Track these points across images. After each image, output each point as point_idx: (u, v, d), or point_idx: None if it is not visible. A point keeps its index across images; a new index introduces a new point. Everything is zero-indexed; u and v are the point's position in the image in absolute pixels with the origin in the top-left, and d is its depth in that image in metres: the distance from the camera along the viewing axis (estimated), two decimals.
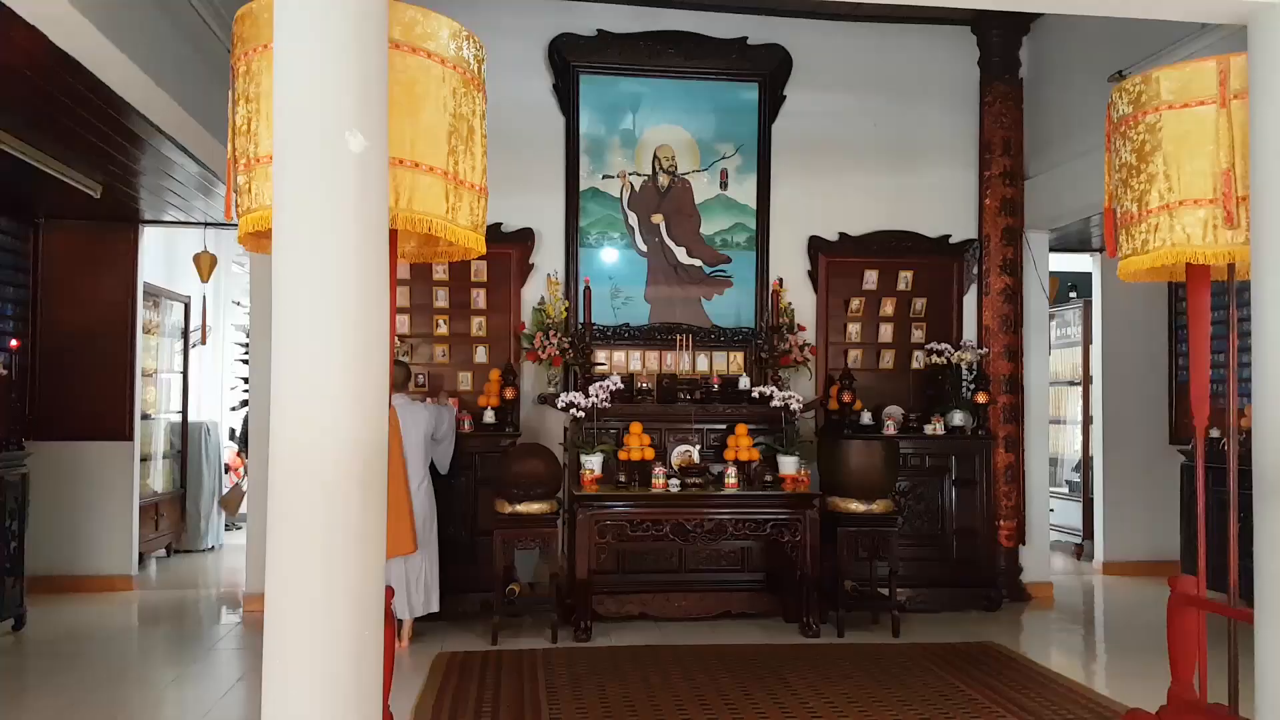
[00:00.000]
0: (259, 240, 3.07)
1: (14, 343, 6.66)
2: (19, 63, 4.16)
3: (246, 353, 11.46)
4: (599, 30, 7.23)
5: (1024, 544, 7.43)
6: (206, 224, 7.94)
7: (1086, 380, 9.45)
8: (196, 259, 7.94)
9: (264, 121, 2.86)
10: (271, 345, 2.53)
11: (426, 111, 2.95)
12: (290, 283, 2.53)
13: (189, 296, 9.58)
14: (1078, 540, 9.46)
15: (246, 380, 11.41)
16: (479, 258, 3.42)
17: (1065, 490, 9.75)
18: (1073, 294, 10.14)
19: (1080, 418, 9.72)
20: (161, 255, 8.78)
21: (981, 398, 7.08)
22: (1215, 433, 7.20)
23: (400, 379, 6.13)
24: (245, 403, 11.02)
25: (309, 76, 2.56)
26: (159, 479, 8.93)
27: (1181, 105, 3.57)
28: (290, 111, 2.57)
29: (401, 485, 5.68)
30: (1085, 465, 9.43)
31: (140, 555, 7.96)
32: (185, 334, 9.61)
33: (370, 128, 2.60)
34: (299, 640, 2.50)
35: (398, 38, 2.87)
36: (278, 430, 2.52)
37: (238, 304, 11.35)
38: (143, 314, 8.03)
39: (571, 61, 7.22)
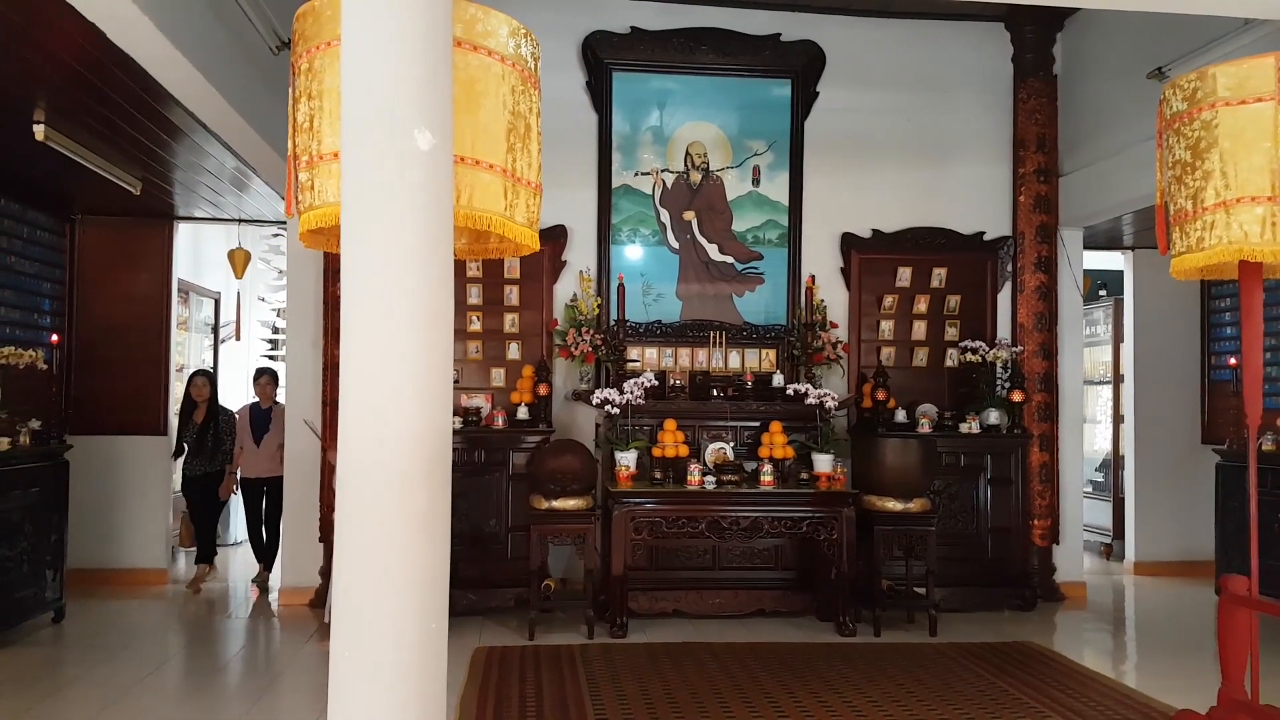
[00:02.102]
0: (318, 237, 3.08)
1: (54, 338, 6.71)
2: (74, 59, 4.19)
3: (273, 348, 11.56)
4: (632, 27, 7.23)
5: (1057, 543, 7.41)
6: (241, 220, 7.97)
7: (1117, 379, 9.40)
8: (231, 255, 7.98)
9: (327, 119, 2.87)
10: (342, 339, 2.54)
11: (486, 109, 2.96)
12: (359, 280, 2.53)
13: (219, 292, 9.63)
14: (1106, 540, 9.42)
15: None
16: (520, 255, 3.43)
17: (1089, 489, 9.70)
18: (1102, 292, 10.08)
19: (1105, 417, 9.69)
20: (189, 251, 8.82)
21: (1017, 396, 7.04)
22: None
23: None
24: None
25: (377, 74, 2.55)
26: None
27: (1239, 101, 3.54)
28: (358, 109, 2.57)
29: None
30: (1115, 464, 9.38)
31: (172, 549, 8.01)
32: (215, 329, 9.65)
33: (437, 125, 2.60)
34: (366, 632, 2.50)
35: (459, 35, 2.87)
36: (346, 426, 2.53)
37: (262, 300, 11.41)
38: (176, 310, 8.07)
39: (604, 59, 7.22)
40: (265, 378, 7.91)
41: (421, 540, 2.54)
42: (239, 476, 7.78)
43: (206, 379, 7.85)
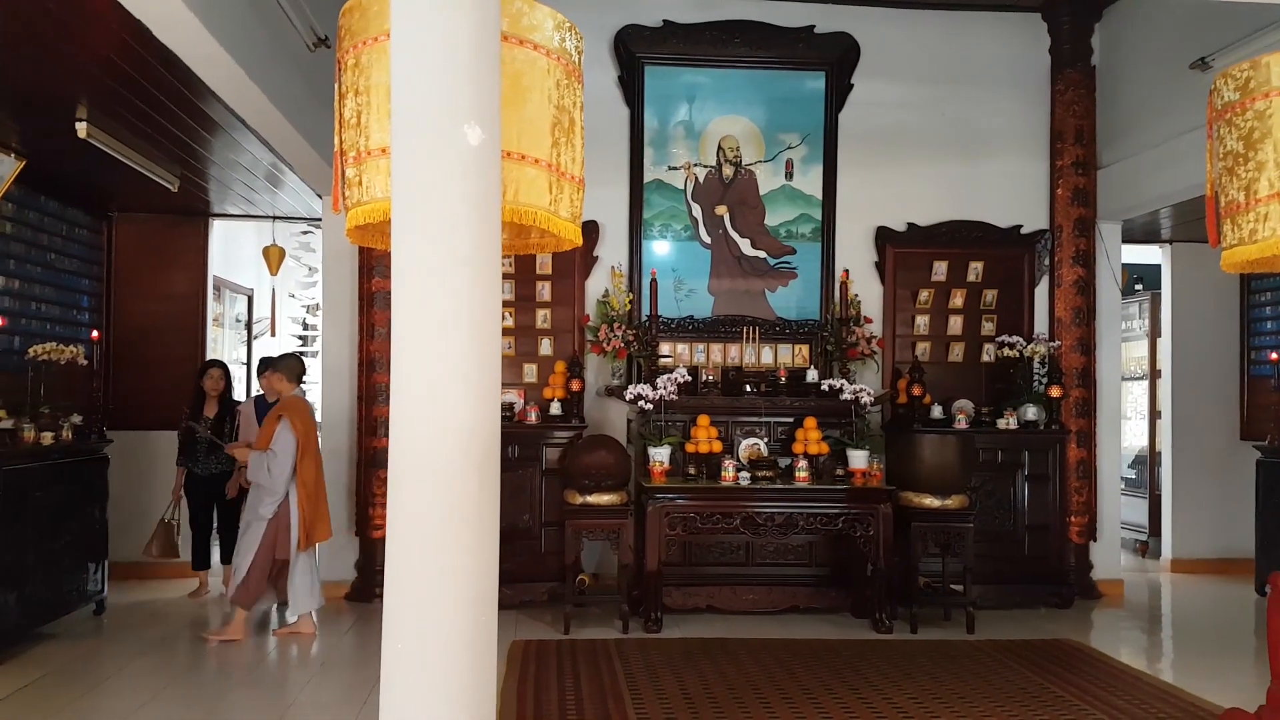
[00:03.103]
0: (365, 233, 3.09)
1: (95, 334, 6.78)
2: (118, 57, 4.22)
3: (304, 344, 11.64)
4: (664, 21, 7.20)
5: (1094, 540, 7.33)
6: (275, 218, 8.02)
7: (1154, 374, 9.29)
8: (266, 252, 8.03)
9: (375, 114, 2.87)
10: (392, 335, 2.54)
11: (532, 104, 2.95)
12: (410, 275, 2.54)
13: (252, 289, 9.69)
14: (1142, 537, 9.32)
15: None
16: (561, 250, 3.43)
17: (1123, 486, 9.58)
18: (1138, 287, 9.96)
19: (1140, 412, 9.58)
20: (221, 248, 8.87)
21: (1055, 391, 6.97)
22: None
23: (297, 373, 6.16)
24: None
25: (428, 69, 2.55)
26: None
27: None
28: (408, 104, 2.57)
29: (323, 476, 6.02)
30: (1152, 461, 9.28)
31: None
32: (249, 325, 9.72)
33: (486, 120, 2.60)
34: (417, 625, 2.51)
35: (505, 29, 2.86)
36: (398, 421, 2.53)
37: (293, 296, 11.50)
38: (211, 306, 8.13)
39: (636, 53, 7.21)
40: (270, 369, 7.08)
41: (472, 533, 2.54)
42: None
43: (223, 371, 7.21)
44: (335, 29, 6.00)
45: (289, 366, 6.18)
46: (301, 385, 6.23)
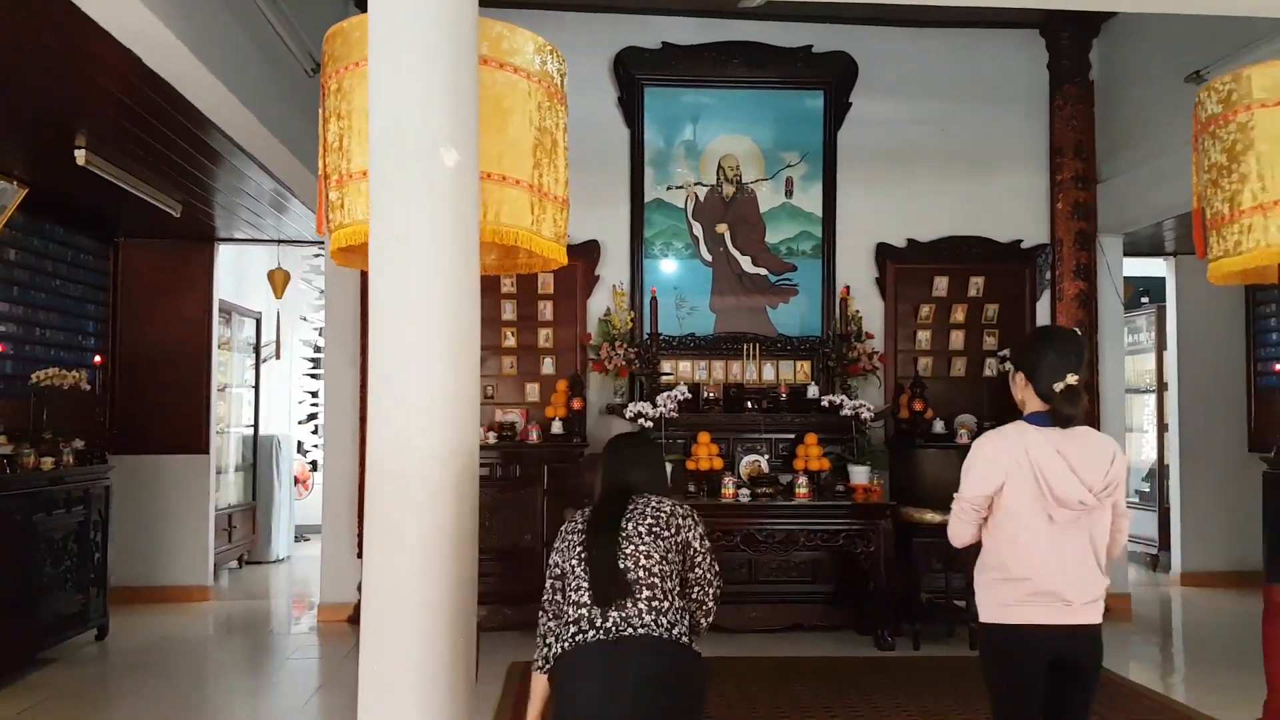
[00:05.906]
0: (349, 255, 3.12)
1: (98, 359, 6.84)
2: (111, 84, 4.28)
3: (315, 367, 11.70)
4: (664, 43, 7.25)
5: None
6: (280, 241, 8.08)
7: (1161, 387, 9.24)
8: (271, 275, 8.08)
9: (356, 138, 2.90)
10: (370, 355, 2.57)
11: (513, 126, 2.97)
12: (387, 296, 2.56)
13: (259, 312, 9.76)
14: (1152, 551, 9.23)
15: (315, 394, 11.60)
16: (550, 270, 3.45)
17: (1135, 500, 9.51)
18: (1144, 299, 9.92)
19: (1148, 426, 9.52)
20: (232, 272, 8.95)
21: None
22: None
23: None
24: (313, 416, 11.21)
25: (402, 93, 2.59)
26: (231, 491, 9.09)
27: (1275, 103, 3.46)
28: (383, 128, 2.61)
29: None
30: (1160, 474, 9.21)
31: (214, 566, 8.09)
32: (257, 349, 9.78)
33: (463, 142, 2.63)
34: (395, 645, 2.51)
35: (485, 53, 2.89)
36: (375, 438, 2.55)
37: (304, 319, 11.56)
38: (218, 330, 8.19)
39: (636, 74, 7.25)
40: None
41: (450, 553, 2.54)
42: None
43: None
44: None
45: None
46: None
